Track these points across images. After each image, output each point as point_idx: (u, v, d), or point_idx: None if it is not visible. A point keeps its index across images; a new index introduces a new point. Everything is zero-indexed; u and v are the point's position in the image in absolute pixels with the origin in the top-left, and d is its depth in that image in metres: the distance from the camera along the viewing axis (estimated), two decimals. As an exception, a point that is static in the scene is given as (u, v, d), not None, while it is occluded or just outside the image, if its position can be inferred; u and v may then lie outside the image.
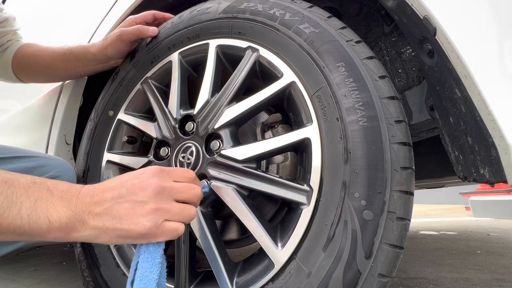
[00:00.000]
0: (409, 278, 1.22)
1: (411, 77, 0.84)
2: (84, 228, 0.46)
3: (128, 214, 0.47)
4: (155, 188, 0.48)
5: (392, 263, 0.49)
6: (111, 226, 0.46)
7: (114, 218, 0.46)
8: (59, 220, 0.44)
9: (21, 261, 1.82)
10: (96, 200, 0.47)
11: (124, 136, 0.86)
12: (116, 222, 0.46)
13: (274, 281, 0.54)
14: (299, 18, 0.64)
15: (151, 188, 0.48)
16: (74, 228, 0.45)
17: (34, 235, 0.44)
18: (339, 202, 0.51)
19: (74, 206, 0.46)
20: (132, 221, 0.47)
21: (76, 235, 0.46)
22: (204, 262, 0.65)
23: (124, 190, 0.48)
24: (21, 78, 1.00)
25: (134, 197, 0.48)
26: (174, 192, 0.50)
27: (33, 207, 0.44)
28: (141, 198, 0.48)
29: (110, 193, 0.48)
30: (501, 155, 0.46)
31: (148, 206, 0.47)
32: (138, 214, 0.47)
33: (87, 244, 0.79)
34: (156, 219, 0.47)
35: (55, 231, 0.44)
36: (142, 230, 0.47)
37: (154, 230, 0.47)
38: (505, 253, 1.70)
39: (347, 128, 0.53)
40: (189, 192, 0.52)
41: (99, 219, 0.46)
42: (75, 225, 0.45)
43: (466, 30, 0.49)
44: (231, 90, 0.68)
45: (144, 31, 0.83)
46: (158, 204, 0.48)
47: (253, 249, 0.71)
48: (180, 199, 0.51)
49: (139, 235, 0.47)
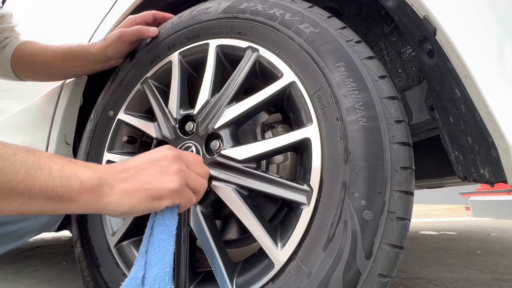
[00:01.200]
0: (409, 278, 1.22)
1: (411, 77, 0.84)
2: (113, 192, 0.47)
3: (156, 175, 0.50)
4: (173, 155, 0.53)
5: (392, 263, 0.49)
6: (141, 187, 0.49)
7: (142, 181, 0.49)
8: (90, 181, 0.45)
9: (21, 261, 1.82)
10: (119, 169, 0.50)
11: (124, 136, 0.86)
12: (146, 183, 0.49)
13: (274, 281, 0.54)
14: (299, 18, 0.64)
15: (170, 156, 0.53)
16: (103, 192, 0.46)
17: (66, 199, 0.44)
18: (339, 202, 0.51)
19: (100, 172, 0.47)
20: (161, 179, 0.50)
21: (106, 200, 0.47)
22: (204, 262, 0.65)
23: (146, 159, 0.52)
24: (20, 76, 1.00)
25: (157, 162, 0.51)
26: (189, 163, 0.55)
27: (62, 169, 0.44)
28: (163, 163, 0.52)
29: (132, 162, 0.51)
30: (501, 155, 0.46)
31: (172, 167, 0.51)
32: (166, 173, 0.50)
33: (87, 244, 0.79)
34: (182, 178, 0.52)
35: (86, 193, 0.45)
36: (172, 186, 0.50)
37: (180, 188, 0.51)
38: (505, 253, 1.70)
39: (347, 128, 0.53)
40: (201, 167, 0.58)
41: (127, 183, 0.48)
42: (104, 189, 0.46)
43: (466, 30, 0.49)
44: (231, 90, 0.68)
45: (145, 32, 0.83)
46: (180, 166, 0.52)
47: (253, 249, 0.71)
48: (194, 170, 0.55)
49: (169, 192, 0.50)
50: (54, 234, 3.26)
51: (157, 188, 0.49)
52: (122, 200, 0.47)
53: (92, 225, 0.80)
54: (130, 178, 0.49)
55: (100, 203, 0.46)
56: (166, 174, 0.50)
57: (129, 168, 0.50)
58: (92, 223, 0.80)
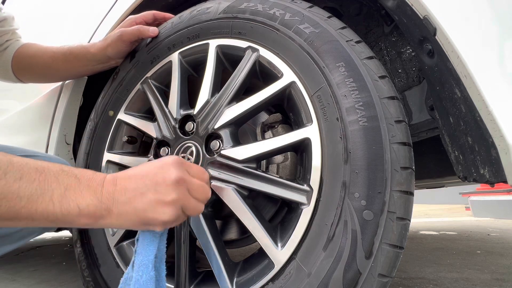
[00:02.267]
0: (409, 278, 1.22)
1: (411, 77, 0.84)
2: (110, 216, 0.49)
3: (152, 204, 0.49)
4: (176, 179, 0.51)
5: (392, 263, 0.49)
6: (135, 215, 0.49)
7: (136, 208, 0.49)
8: (87, 208, 0.47)
9: (21, 261, 1.82)
10: (119, 189, 0.50)
11: (124, 136, 0.86)
12: (140, 211, 0.49)
13: (274, 281, 0.54)
14: (299, 18, 0.64)
15: (172, 178, 0.51)
16: (101, 216, 0.48)
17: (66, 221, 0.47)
18: (339, 202, 0.51)
19: (100, 194, 0.49)
20: (156, 210, 0.49)
21: (103, 222, 0.49)
22: (204, 262, 0.65)
23: (148, 181, 0.51)
24: (21, 78, 1.00)
25: (157, 187, 0.50)
26: (191, 187, 0.53)
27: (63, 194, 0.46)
28: (163, 189, 0.50)
29: (133, 182, 0.51)
30: (501, 155, 0.46)
31: (170, 196, 0.50)
32: (162, 204, 0.50)
33: (87, 244, 0.79)
34: (178, 208, 0.51)
35: (84, 218, 0.47)
36: (166, 218, 0.50)
37: (174, 219, 0.51)
38: (505, 253, 1.70)
39: (347, 128, 0.53)
40: (203, 193, 0.55)
41: (123, 208, 0.49)
42: (102, 213, 0.48)
43: (466, 30, 0.49)
44: (231, 90, 0.68)
45: (144, 32, 0.83)
46: (179, 195, 0.51)
47: (253, 249, 0.71)
48: (194, 195, 0.54)
49: (161, 223, 0.50)
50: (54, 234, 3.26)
51: (151, 218, 0.50)
52: (117, 221, 0.49)
53: (92, 225, 0.79)
54: (127, 203, 0.49)
55: (97, 224, 0.49)
56: (162, 205, 0.50)
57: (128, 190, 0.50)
58: (92, 223, 0.79)
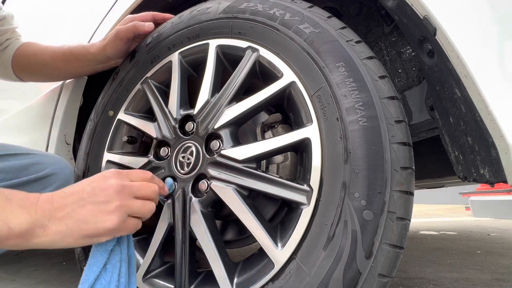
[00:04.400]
0: (409, 278, 1.22)
1: (411, 77, 0.84)
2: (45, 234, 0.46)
3: (93, 214, 0.48)
4: (115, 187, 0.50)
5: (392, 263, 0.49)
6: (77, 228, 0.47)
7: (79, 221, 0.48)
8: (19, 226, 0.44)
9: (21, 261, 1.82)
10: (56, 206, 0.48)
11: (124, 136, 0.86)
12: (82, 223, 0.48)
13: (274, 281, 0.54)
14: (299, 18, 0.64)
15: (112, 187, 0.50)
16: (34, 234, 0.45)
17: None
18: (339, 202, 0.51)
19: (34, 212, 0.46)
20: (98, 219, 0.48)
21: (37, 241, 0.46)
22: (204, 262, 0.65)
23: (85, 194, 0.49)
24: (21, 77, 1.00)
25: (96, 198, 0.49)
26: (133, 189, 0.53)
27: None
28: (103, 198, 0.49)
29: (70, 198, 0.49)
30: (501, 155, 0.46)
31: (112, 204, 0.49)
32: (104, 213, 0.49)
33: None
34: (122, 215, 0.50)
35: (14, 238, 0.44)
36: (110, 226, 0.49)
37: (120, 225, 0.50)
38: (505, 253, 1.70)
39: (347, 128, 0.53)
40: (148, 189, 0.55)
41: (62, 223, 0.47)
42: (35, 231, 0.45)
43: (466, 30, 0.49)
44: (231, 90, 0.68)
45: (140, 27, 0.83)
46: (121, 201, 0.50)
47: (253, 249, 0.71)
48: (139, 195, 0.53)
49: (107, 231, 0.49)
50: (54, 234, 3.26)
51: (94, 228, 0.48)
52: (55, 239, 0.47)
53: (92, 225, 0.79)
54: (66, 218, 0.47)
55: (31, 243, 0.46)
56: (104, 213, 0.48)
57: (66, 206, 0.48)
58: (92, 223, 0.79)
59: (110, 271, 0.52)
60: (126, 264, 0.55)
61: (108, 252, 0.53)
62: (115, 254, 0.54)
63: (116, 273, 0.52)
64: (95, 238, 0.49)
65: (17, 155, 0.77)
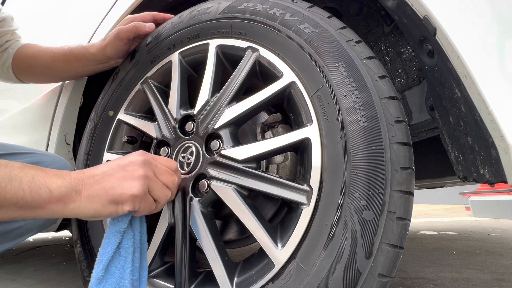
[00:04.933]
0: (409, 278, 1.22)
1: (411, 77, 0.84)
2: (80, 198, 0.50)
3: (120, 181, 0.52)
4: (142, 160, 0.54)
5: (392, 263, 0.49)
6: (104, 193, 0.51)
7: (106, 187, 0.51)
8: (59, 189, 0.48)
9: (21, 261, 1.82)
10: (87, 175, 0.52)
11: (124, 136, 0.86)
12: (109, 189, 0.51)
13: (274, 281, 0.54)
14: (299, 18, 0.64)
15: (138, 161, 0.54)
16: (71, 198, 0.49)
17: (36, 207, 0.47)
18: (339, 202, 0.51)
19: (69, 178, 0.50)
20: (124, 185, 0.52)
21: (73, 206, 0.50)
22: (204, 262, 0.65)
23: (114, 165, 0.54)
24: (21, 78, 1.00)
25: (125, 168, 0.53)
26: (157, 170, 0.56)
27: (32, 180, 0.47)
28: (130, 168, 0.53)
29: (100, 169, 0.54)
30: (501, 155, 0.46)
31: (137, 172, 0.53)
32: (129, 179, 0.52)
33: (87, 244, 0.79)
34: (145, 184, 0.53)
35: (55, 201, 0.48)
36: (134, 192, 0.52)
37: (142, 194, 0.53)
38: (505, 253, 1.70)
39: (347, 128, 0.53)
40: (169, 176, 0.58)
41: (92, 188, 0.51)
42: (72, 196, 0.49)
43: (466, 30, 0.49)
44: (231, 90, 0.68)
45: (141, 28, 0.83)
46: (146, 172, 0.53)
47: (253, 249, 0.71)
48: (161, 179, 0.56)
49: (130, 197, 0.52)
50: (54, 234, 3.26)
51: (119, 193, 0.51)
52: (86, 204, 0.50)
53: (92, 225, 0.80)
54: (95, 184, 0.51)
55: (67, 209, 0.49)
56: (129, 179, 0.52)
57: (96, 174, 0.52)
58: (92, 223, 0.80)
59: (124, 256, 0.54)
60: (139, 249, 0.58)
61: (121, 233, 0.55)
62: (128, 237, 0.56)
63: (130, 258, 0.55)
64: (119, 205, 0.52)
65: (18, 154, 0.77)
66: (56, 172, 0.51)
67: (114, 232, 0.55)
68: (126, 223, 0.55)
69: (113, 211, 0.52)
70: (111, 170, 0.53)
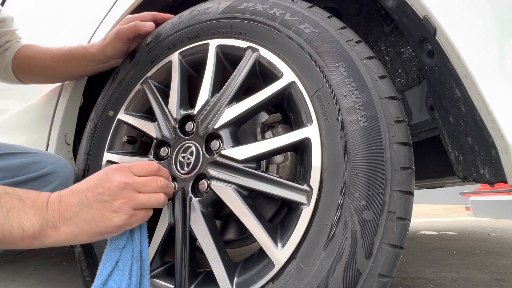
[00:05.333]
0: (409, 278, 1.22)
1: (411, 77, 0.84)
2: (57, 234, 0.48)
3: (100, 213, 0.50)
4: (118, 185, 0.51)
5: (392, 263, 0.49)
6: (86, 226, 0.49)
7: (86, 220, 0.49)
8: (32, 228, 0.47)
9: (21, 261, 1.82)
10: (63, 205, 0.50)
11: (124, 136, 0.86)
12: (90, 222, 0.49)
13: (274, 281, 0.54)
14: (299, 18, 0.64)
15: (114, 185, 0.51)
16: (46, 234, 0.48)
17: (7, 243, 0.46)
18: (339, 202, 0.51)
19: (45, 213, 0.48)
20: (105, 217, 0.50)
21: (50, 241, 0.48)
22: (204, 262, 0.65)
23: (89, 193, 0.51)
24: (21, 79, 1.00)
25: (101, 197, 0.50)
26: (136, 186, 0.53)
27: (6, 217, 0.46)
28: (107, 197, 0.50)
29: (76, 197, 0.51)
30: (501, 155, 0.46)
31: (116, 202, 0.50)
32: (109, 211, 0.50)
33: (87, 244, 0.79)
34: (128, 211, 0.51)
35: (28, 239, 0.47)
36: (118, 223, 0.50)
37: (128, 221, 0.51)
38: (505, 253, 1.70)
39: (347, 128, 0.53)
40: (152, 185, 0.55)
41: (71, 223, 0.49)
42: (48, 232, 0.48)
43: (466, 30, 0.49)
44: (231, 90, 0.68)
45: (141, 27, 0.83)
46: (125, 198, 0.51)
47: (253, 249, 0.71)
48: (144, 191, 0.54)
49: (116, 228, 0.51)
50: (54, 234, 3.26)
51: (102, 226, 0.50)
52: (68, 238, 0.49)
53: (92, 225, 0.79)
54: (74, 217, 0.49)
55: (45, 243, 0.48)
56: (109, 211, 0.50)
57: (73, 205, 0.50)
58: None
59: (121, 269, 0.54)
60: (138, 263, 0.57)
61: (120, 249, 0.54)
62: (127, 251, 0.55)
63: (127, 271, 0.54)
64: (106, 235, 0.51)
65: (18, 154, 0.77)
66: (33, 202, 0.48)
67: (113, 248, 0.54)
68: (124, 240, 0.55)
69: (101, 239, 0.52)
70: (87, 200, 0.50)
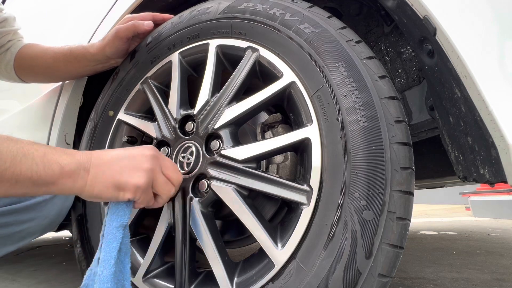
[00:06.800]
0: (409, 278, 1.22)
1: (411, 77, 0.84)
2: (87, 177, 0.51)
3: (128, 168, 0.53)
4: (150, 155, 0.56)
5: (392, 263, 0.49)
6: (111, 176, 0.52)
7: (114, 170, 0.53)
8: (69, 165, 0.50)
9: (22, 261, 1.82)
10: (95, 156, 0.54)
11: (124, 136, 0.86)
12: (117, 173, 0.53)
13: (274, 281, 0.54)
14: (299, 18, 0.64)
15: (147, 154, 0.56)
16: (79, 175, 0.51)
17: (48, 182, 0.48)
18: (339, 202, 0.51)
19: (78, 157, 0.52)
20: (131, 174, 0.53)
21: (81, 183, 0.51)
22: (204, 262, 0.65)
23: (124, 152, 0.56)
24: (23, 78, 1.00)
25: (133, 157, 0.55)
26: (164, 165, 0.58)
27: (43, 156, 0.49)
28: (139, 159, 0.55)
29: (109, 153, 0.55)
30: (501, 155, 0.46)
31: (144, 165, 0.54)
32: (136, 169, 0.54)
33: (87, 244, 0.79)
34: (150, 176, 0.55)
35: (66, 176, 0.49)
36: (138, 182, 0.53)
37: (145, 186, 0.54)
38: (505, 253, 1.70)
39: (347, 128, 0.53)
40: (174, 172, 0.60)
41: (100, 169, 0.52)
42: (80, 173, 0.51)
43: (466, 30, 0.49)
44: (231, 90, 0.68)
45: (139, 26, 0.83)
46: (152, 166, 0.55)
47: (253, 249, 0.71)
48: (166, 174, 0.58)
49: (133, 187, 0.53)
50: (54, 234, 3.26)
51: (124, 181, 0.53)
52: (92, 184, 0.52)
53: (92, 225, 0.80)
54: (104, 165, 0.53)
55: (76, 186, 0.51)
56: (136, 170, 0.54)
57: (105, 156, 0.54)
58: (92, 223, 0.80)
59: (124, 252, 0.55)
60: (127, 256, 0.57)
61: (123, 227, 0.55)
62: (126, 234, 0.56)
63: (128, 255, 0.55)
64: (121, 192, 0.53)
65: None
66: (64, 150, 0.52)
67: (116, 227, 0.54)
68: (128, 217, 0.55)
69: (114, 196, 0.54)
70: (120, 156, 0.55)
